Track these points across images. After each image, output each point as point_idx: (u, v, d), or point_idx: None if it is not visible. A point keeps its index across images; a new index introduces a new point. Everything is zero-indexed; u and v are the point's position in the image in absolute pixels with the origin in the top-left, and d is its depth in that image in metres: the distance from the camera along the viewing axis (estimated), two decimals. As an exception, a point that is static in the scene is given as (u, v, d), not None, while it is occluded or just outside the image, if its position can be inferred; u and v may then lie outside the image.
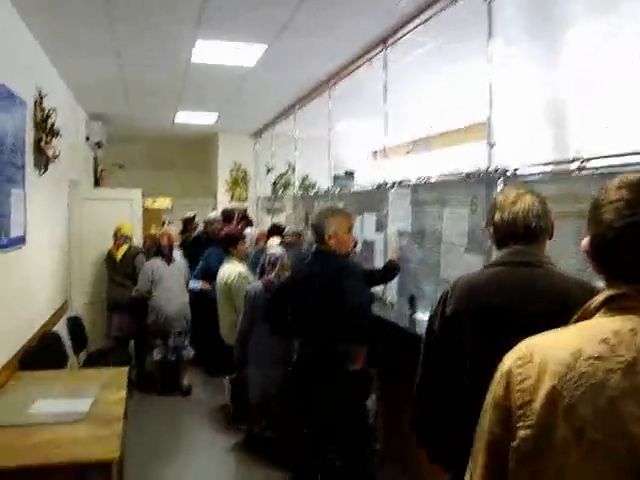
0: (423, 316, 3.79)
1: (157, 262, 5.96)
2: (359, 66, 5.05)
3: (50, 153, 4.54)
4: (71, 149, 6.15)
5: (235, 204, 9.93)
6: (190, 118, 8.15)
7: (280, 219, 8.69)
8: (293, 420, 3.72)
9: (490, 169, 3.10)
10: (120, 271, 6.25)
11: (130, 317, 6.05)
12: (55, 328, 5.02)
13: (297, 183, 8.64)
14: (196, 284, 6.04)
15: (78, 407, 3.03)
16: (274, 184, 9.38)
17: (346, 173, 12.03)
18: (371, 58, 4.76)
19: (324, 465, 3.34)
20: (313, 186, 9.75)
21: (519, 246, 1.92)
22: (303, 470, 3.70)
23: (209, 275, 5.81)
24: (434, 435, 2.05)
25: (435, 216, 3.77)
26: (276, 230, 6.81)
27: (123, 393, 3.35)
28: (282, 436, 4.31)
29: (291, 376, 3.55)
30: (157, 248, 6.09)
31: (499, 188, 3.07)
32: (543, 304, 1.78)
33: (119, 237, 6.35)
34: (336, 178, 11.17)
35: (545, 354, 1.02)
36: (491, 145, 3.14)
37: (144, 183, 10.45)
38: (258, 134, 9.77)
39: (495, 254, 2.09)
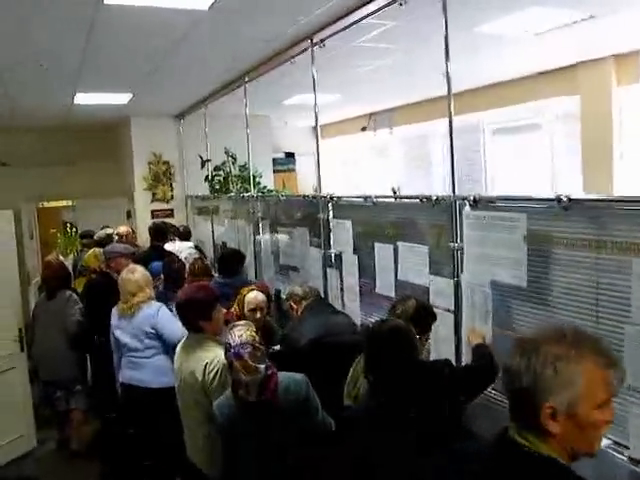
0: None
1: (40, 298, 5.21)
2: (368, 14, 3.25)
3: None
4: None
5: (157, 206, 7.91)
6: (95, 99, 6.03)
7: (221, 223, 6.79)
8: None
9: None
10: None
11: None
12: None
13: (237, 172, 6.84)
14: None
15: None
16: (210, 179, 7.38)
17: (286, 155, 10.33)
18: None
19: None
20: (258, 178, 7.87)
21: None
22: None
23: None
24: None
25: (595, 268, 2.09)
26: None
27: None
28: None
29: None
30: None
31: None
32: None
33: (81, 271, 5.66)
34: (275, 162, 9.47)
35: None
36: None
37: (37, 183, 8.16)
38: (181, 116, 7.74)
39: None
